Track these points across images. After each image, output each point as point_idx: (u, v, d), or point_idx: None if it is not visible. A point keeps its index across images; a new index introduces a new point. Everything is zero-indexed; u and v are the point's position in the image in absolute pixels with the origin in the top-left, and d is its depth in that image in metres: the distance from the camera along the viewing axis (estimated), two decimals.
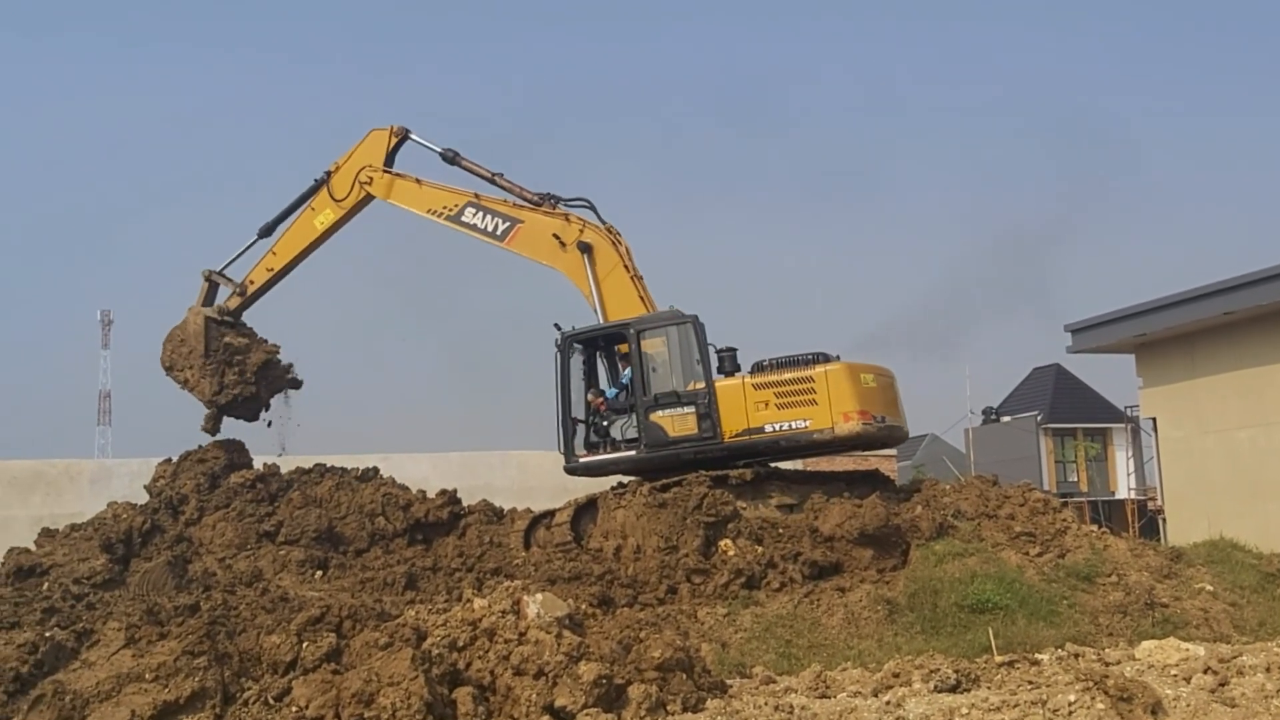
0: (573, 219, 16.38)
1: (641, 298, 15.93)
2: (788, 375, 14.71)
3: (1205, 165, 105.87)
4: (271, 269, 18.26)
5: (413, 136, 17.74)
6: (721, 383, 14.97)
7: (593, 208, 16.56)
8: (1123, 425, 40.48)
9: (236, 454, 17.68)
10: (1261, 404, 22.10)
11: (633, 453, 15.21)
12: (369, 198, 17.63)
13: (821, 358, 14.74)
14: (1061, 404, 42.64)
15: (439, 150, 17.50)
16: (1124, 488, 41.06)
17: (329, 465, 17.65)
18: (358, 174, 17.56)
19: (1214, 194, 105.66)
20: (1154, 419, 25.22)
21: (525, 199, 16.80)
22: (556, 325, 15.79)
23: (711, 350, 15.31)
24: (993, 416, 44.79)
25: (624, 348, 15.66)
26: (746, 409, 14.69)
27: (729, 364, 15.29)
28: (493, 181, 17.14)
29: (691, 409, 14.83)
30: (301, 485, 16.84)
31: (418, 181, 17.46)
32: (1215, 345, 23.03)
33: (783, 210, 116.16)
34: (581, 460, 15.68)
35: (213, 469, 17.09)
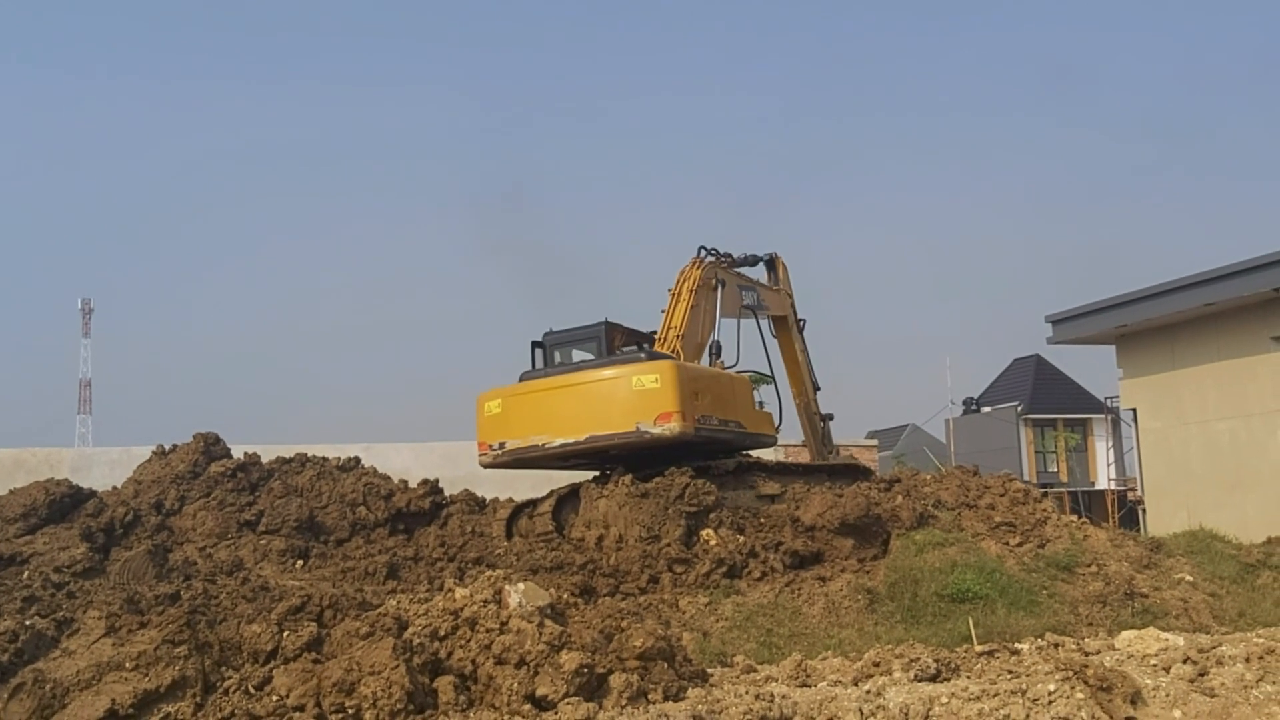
0: None
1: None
2: None
3: None
4: None
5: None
6: None
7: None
8: (1103, 416, 40.81)
9: (214, 445, 17.63)
10: (1241, 396, 22.27)
11: None
12: None
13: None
14: (1042, 395, 42.85)
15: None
16: (1104, 478, 41.42)
17: (310, 455, 17.60)
18: None
19: None
20: (1134, 410, 25.39)
21: None
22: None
23: None
24: (973, 407, 45.03)
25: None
26: None
27: None
28: None
29: None
30: (282, 475, 16.78)
31: None
32: (1196, 337, 23.18)
33: None
34: None
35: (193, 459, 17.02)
